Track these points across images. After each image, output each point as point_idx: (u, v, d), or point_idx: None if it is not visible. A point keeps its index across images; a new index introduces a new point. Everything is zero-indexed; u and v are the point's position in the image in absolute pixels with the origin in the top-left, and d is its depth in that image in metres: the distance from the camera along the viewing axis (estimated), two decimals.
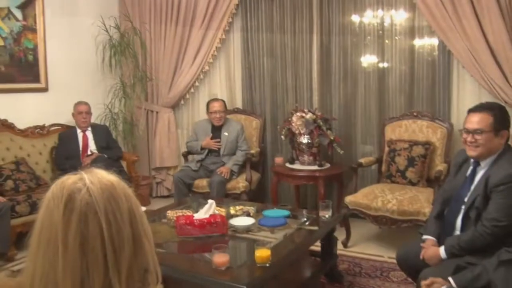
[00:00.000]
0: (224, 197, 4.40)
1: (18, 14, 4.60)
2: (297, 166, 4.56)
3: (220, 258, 2.39)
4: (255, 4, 5.15)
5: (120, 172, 4.77)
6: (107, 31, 5.38)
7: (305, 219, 3.20)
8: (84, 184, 0.88)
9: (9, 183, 4.08)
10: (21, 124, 4.59)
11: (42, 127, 4.79)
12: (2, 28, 4.49)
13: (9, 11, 4.53)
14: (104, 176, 0.92)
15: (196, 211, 3.14)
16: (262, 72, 5.23)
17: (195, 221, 2.92)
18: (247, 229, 3.03)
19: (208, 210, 3.05)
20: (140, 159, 5.34)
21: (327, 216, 3.19)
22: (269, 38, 5.15)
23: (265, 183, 5.20)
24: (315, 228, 3.09)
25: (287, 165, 4.63)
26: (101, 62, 5.47)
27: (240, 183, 4.62)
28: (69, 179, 0.90)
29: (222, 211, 3.19)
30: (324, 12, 4.78)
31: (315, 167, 4.44)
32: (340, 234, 3.80)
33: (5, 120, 4.48)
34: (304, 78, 4.98)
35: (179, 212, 3.22)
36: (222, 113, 4.86)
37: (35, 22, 4.74)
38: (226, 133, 4.86)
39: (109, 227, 0.86)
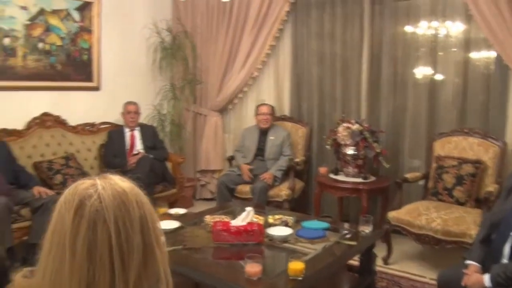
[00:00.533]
0: (266, 204, 4.37)
1: (76, 15, 4.77)
2: (341, 177, 4.45)
3: (252, 268, 2.36)
4: (306, 11, 5.11)
5: (164, 173, 4.86)
6: (159, 33, 5.49)
7: (345, 232, 3.13)
8: (95, 191, 0.87)
9: (58, 177, 4.21)
10: (72, 121, 4.74)
11: (92, 125, 4.93)
12: (61, 29, 4.66)
13: (68, 13, 4.70)
14: (117, 182, 0.91)
15: (235, 218, 3.14)
16: (310, 80, 5.17)
17: (231, 228, 2.91)
18: (284, 240, 2.99)
19: (246, 217, 3.03)
20: (185, 161, 5.40)
21: (367, 231, 3.10)
22: (319, 46, 5.09)
23: (309, 192, 5.10)
24: (354, 243, 3.00)
25: (331, 175, 4.54)
26: (152, 63, 5.58)
27: (282, 191, 4.58)
28: (82, 184, 0.90)
29: (260, 219, 3.17)
30: (376, 22, 4.67)
31: (360, 180, 4.33)
32: (381, 250, 3.69)
33: (58, 117, 4.63)
34: (352, 88, 4.88)
35: (217, 218, 3.22)
36: (269, 115, 4.90)
37: (91, 24, 4.89)
38: (272, 137, 4.89)
39: (117, 235, 0.85)
